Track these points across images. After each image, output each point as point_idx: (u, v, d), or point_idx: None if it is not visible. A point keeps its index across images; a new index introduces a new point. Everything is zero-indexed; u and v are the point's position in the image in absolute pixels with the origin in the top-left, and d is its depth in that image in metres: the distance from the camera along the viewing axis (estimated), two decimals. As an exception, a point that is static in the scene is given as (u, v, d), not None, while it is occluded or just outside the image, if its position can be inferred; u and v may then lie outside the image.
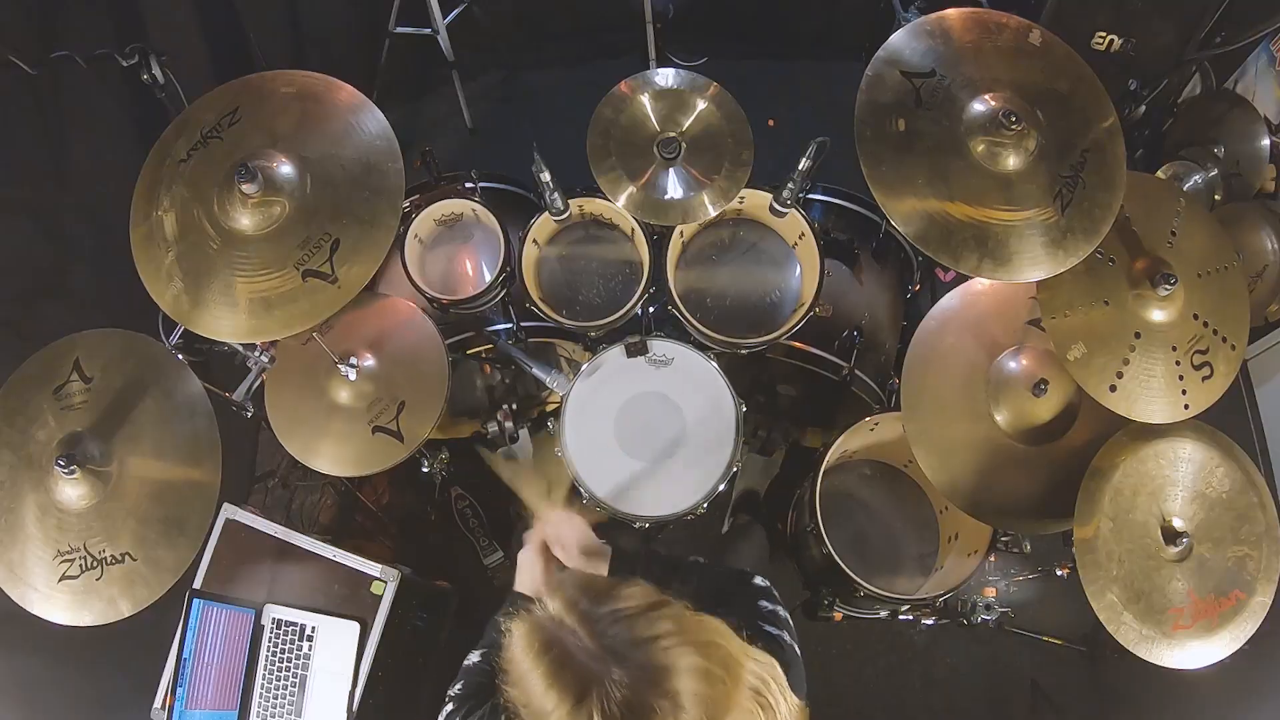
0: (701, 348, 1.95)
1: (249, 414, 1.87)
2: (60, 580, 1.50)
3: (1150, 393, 1.55)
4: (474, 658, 1.28)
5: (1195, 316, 1.58)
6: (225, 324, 1.55)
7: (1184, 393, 1.56)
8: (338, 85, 1.65)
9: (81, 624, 1.50)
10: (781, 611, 1.21)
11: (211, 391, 1.64)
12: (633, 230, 1.97)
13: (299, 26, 2.84)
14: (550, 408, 2.51)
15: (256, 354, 1.81)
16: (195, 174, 1.59)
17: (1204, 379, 1.58)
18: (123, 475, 1.54)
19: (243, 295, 1.55)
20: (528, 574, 1.38)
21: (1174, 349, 1.56)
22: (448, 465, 2.27)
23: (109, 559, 1.51)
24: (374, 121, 1.63)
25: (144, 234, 1.58)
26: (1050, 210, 1.54)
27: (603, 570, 1.41)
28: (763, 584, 1.28)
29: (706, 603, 0.96)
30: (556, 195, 1.82)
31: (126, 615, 1.50)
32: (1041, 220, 1.54)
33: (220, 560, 1.88)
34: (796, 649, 1.14)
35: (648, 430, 1.93)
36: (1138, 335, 1.55)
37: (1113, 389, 1.54)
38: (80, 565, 1.50)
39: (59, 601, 1.50)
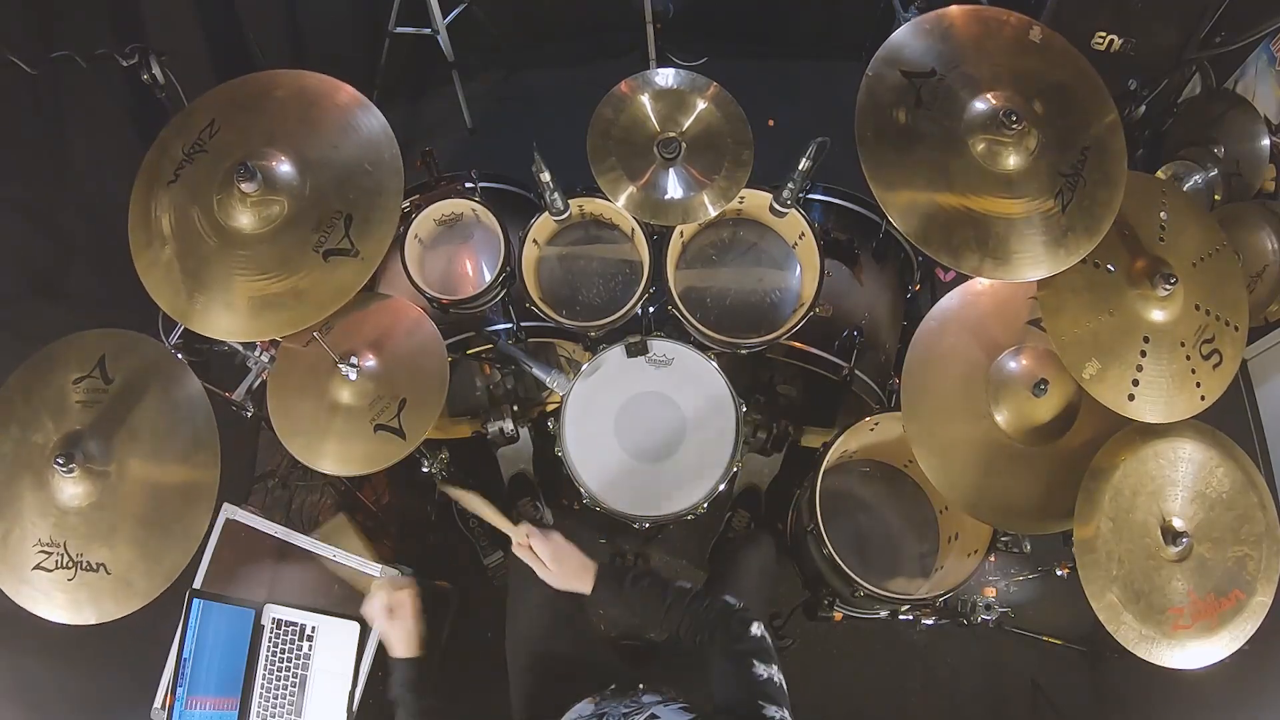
0: (701, 348, 1.95)
1: (249, 414, 1.87)
2: (33, 569, 1.50)
3: (1167, 393, 1.55)
4: None
5: (1197, 307, 1.58)
6: (270, 323, 1.56)
7: (1198, 385, 1.56)
8: (303, 76, 1.66)
9: (43, 615, 1.49)
10: (776, 675, 1.23)
11: (211, 391, 1.65)
12: (633, 230, 1.97)
13: (299, 27, 2.85)
14: (550, 408, 2.51)
15: (256, 354, 1.81)
16: (192, 187, 1.58)
17: (1214, 366, 1.58)
18: (118, 481, 1.54)
19: (267, 291, 1.55)
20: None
21: (1182, 344, 1.56)
22: (448, 465, 2.27)
23: (84, 564, 1.50)
24: (362, 110, 1.64)
25: (149, 260, 1.58)
26: (1051, 209, 1.54)
27: (588, 585, 1.45)
28: (757, 633, 1.30)
29: (694, 672, 0.99)
30: (556, 195, 1.82)
31: (90, 624, 1.49)
32: (1042, 220, 1.54)
33: (220, 560, 1.88)
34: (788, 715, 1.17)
35: (648, 430, 1.94)
36: (1146, 340, 1.55)
37: (1131, 398, 1.53)
38: (56, 561, 1.50)
39: (26, 586, 1.50)
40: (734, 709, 1.19)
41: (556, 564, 1.50)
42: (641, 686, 1.41)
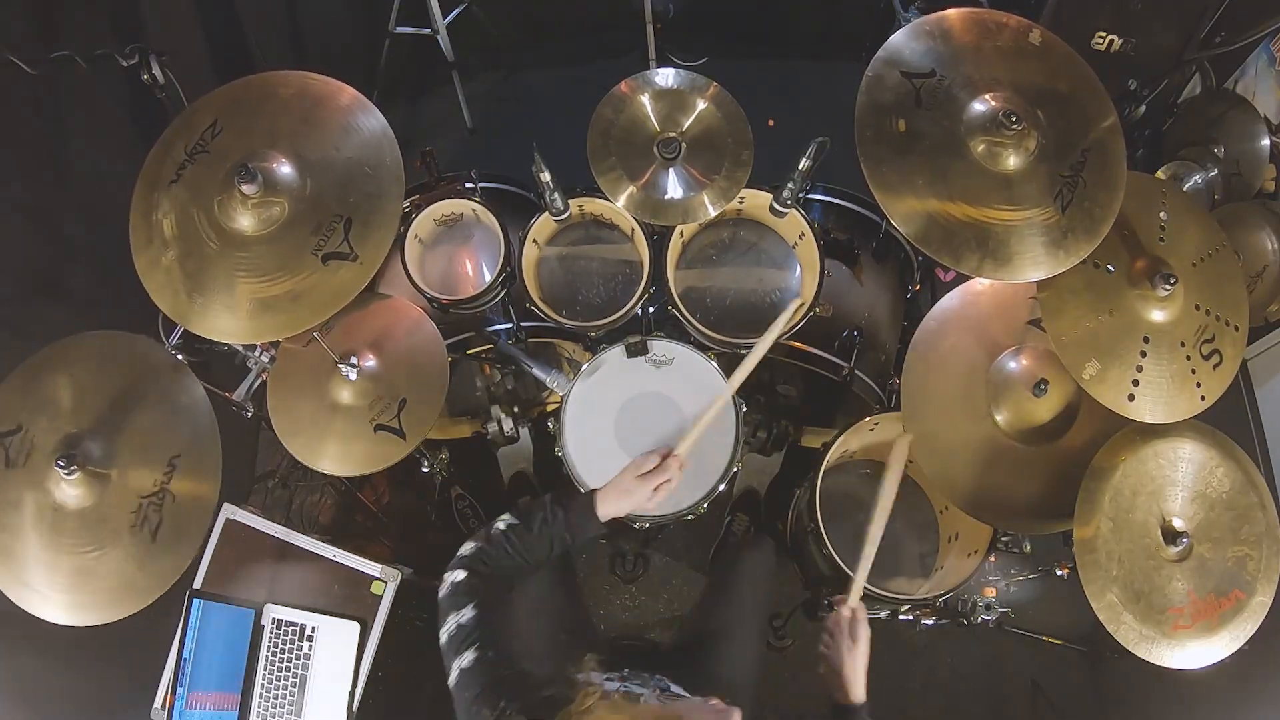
0: (701, 348, 1.95)
1: (249, 414, 1.87)
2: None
3: (1168, 393, 1.55)
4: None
5: (1197, 307, 1.58)
6: (269, 325, 1.56)
7: (1198, 385, 1.56)
8: (297, 77, 1.66)
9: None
10: None
11: (211, 391, 1.64)
12: (633, 230, 1.97)
13: (299, 27, 2.84)
14: (550, 408, 2.51)
15: (256, 354, 1.81)
16: (194, 188, 1.58)
17: (1215, 366, 1.58)
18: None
19: (267, 293, 1.55)
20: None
21: (1182, 345, 1.56)
22: (448, 465, 2.27)
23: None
24: (364, 113, 1.64)
25: (150, 260, 1.58)
26: (1050, 210, 1.54)
27: None
28: None
29: (700, 677, 0.94)
30: (556, 195, 1.82)
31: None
32: (1042, 220, 1.54)
33: (220, 560, 1.88)
34: None
35: (648, 430, 1.93)
36: (1146, 340, 1.55)
37: (1131, 398, 1.53)
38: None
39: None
40: None
41: None
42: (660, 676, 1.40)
